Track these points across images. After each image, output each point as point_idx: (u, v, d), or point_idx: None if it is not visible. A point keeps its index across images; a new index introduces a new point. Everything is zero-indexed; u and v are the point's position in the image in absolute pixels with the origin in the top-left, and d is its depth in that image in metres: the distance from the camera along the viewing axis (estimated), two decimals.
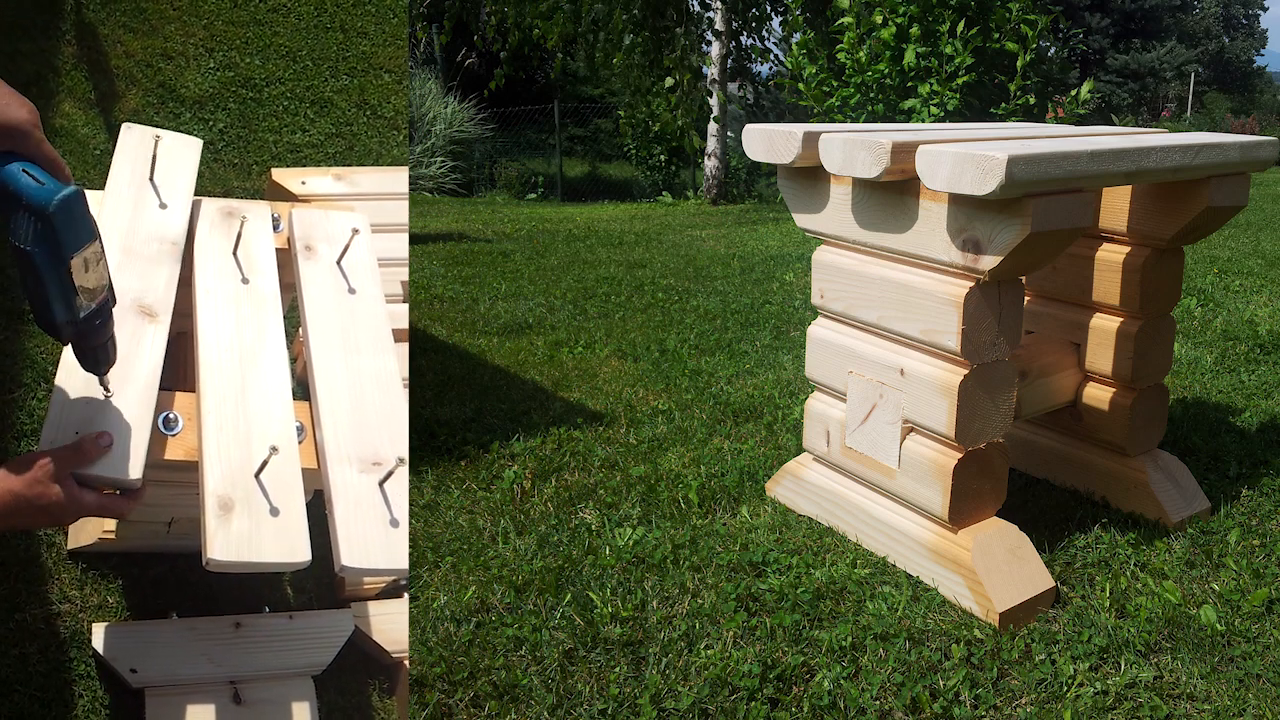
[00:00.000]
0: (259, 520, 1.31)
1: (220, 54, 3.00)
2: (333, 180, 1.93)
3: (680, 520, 2.10)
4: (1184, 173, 1.83)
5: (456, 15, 10.71)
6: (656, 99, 9.82)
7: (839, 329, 2.02)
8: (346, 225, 1.77)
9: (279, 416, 1.44)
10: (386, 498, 1.38)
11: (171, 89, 2.88)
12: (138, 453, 1.31)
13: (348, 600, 2.05)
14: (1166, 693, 1.58)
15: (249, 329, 1.54)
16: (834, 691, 1.56)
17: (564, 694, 1.55)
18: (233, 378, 1.46)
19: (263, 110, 2.95)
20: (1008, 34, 7.04)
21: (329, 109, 3.03)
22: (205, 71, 2.94)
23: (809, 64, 7.46)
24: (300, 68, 3.06)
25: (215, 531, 1.28)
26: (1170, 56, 25.19)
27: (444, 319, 3.78)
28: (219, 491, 1.32)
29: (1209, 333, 3.54)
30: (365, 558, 1.31)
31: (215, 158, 2.82)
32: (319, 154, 2.95)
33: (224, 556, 1.26)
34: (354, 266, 1.72)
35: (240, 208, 1.74)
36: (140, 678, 1.76)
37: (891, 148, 1.68)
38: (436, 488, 2.27)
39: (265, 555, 1.28)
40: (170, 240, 1.60)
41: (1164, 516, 2.06)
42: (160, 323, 1.48)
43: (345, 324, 1.61)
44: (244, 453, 1.37)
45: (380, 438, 1.45)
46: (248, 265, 1.65)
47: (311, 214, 1.78)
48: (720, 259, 5.32)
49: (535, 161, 13.81)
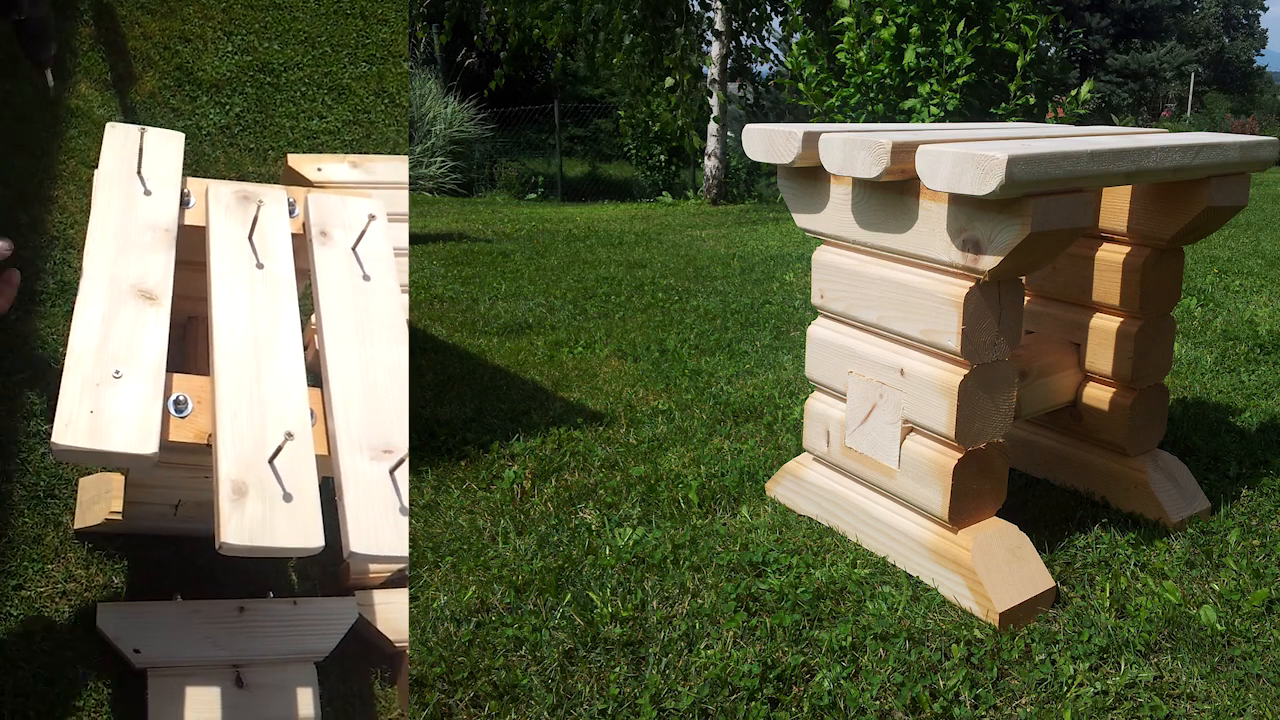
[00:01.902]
0: (273, 505, 1.31)
1: (239, 38, 2.98)
2: (349, 167, 1.93)
3: (680, 520, 2.10)
4: (1184, 173, 1.83)
5: (456, 15, 10.71)
6: (656, 99, 9.82)
7: (839, 329, 2.02)
8: (363, 211, 1.77)
9: (293, 402, 1.45)
10: (397, 485, 1.39)
11: (189, 72, 2.87)
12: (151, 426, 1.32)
13: (352, 588, 2.06)
14: (1166, 693, 1.58)
15: (264, 314, 1.55)
16: (834, 691, 1.56)
17: (564, 694, 1.55)
18: (247, 363, 1.47)
19: (280, 95, 2.93)
20: (1008, 34, 7.04)
21: (347, 96, 3.02)
22: (223, 55, 2.93)
23: (809, 64, 7.47)
24: (319, 53, 3.04)
25: (229, 516, 1.28)
26: (1170, 56, 25.19)
27: (444, 319, 3.78)
28: (233, 476, 1.32)
29: (1209, 333, 3.54)
30: (375, 544, 1.31)
31: (231, 142, 2.81)
32: (336, 141, 2.94)
33: (237, 540, 1.27)
34: (369, 253, 1.72)
35: (256, 192, 1.75)
36: (143, 658, 1.77)
37: (891, 148, 1.68)
38: (436, 488, 2.27)
39: (278, 540, 1.29)
40: (163, 227, 1.61)
41: (1164, 516, 2.06)
42: (161, 305, 1.49)
43: (360, 311, 1.62)
44: (258, 437, 1.38)
45: (391, 426, 1.46)
46: (263, 250, 1.65)
47: (328, 199, 1.78)
48: (720, 259, 5.31)
49: (535, 161, 13.81)
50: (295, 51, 3.02)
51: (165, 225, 1.62)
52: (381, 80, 3.08)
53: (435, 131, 11.10)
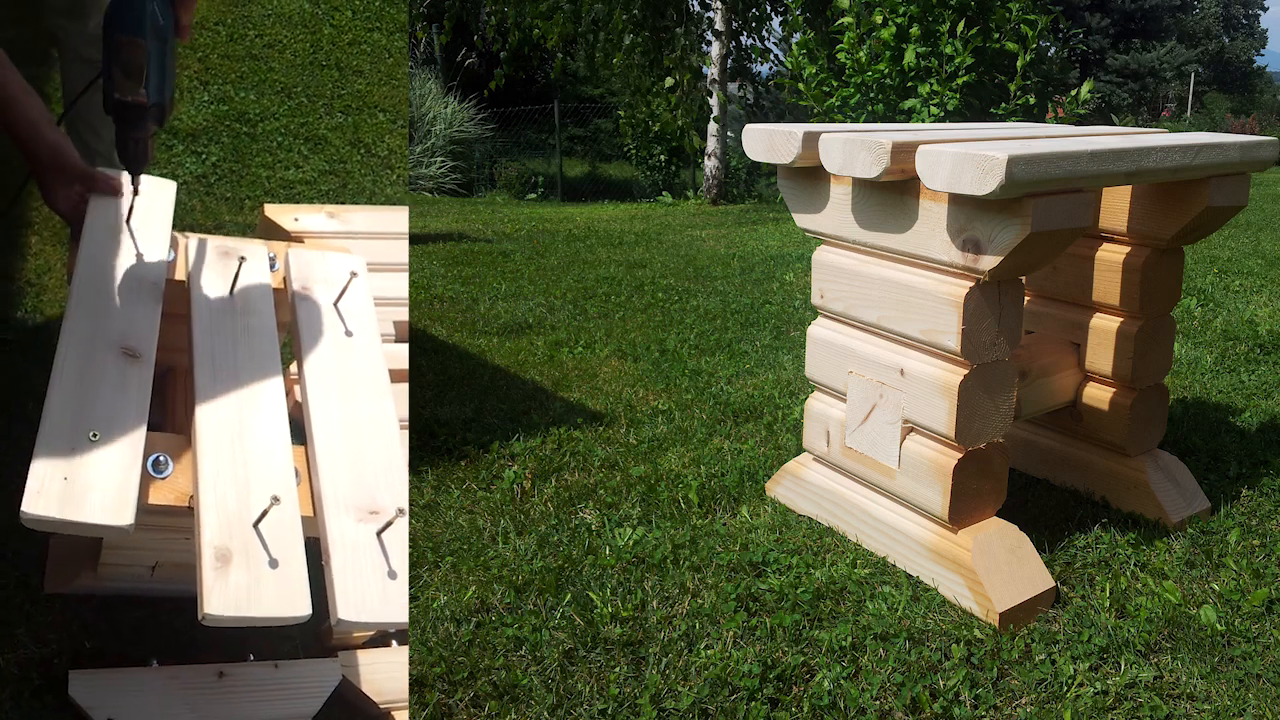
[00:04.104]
0: (258, 572, 1.27)
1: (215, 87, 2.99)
2: (326, 218, 1.91)
3: (680, 520, 2.10)
4: (1184, 173, 1.83)
5: (456, 15, 10.71)
6: (656, 99, 9.83)
7: (839, 329, 2.02)
8: (344, 267, 1.76)
9: (278, 462, 1.40)
10: (384, 548, 1.35)
11: None
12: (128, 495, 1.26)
13: (335, 649, 2.00)
14: (1166, 693, 1.58)
15: (246, 371, 1.51)
16: (834, 691, 1.56)
17: (564, 694, 1.55)
18: (230, 422, 1.42)
19: (256, 145, 2.92)
20: (1008, 34, 7.05)
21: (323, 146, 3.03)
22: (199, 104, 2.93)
23: (809, 64, 7.47)
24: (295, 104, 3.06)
25: (212, 585, 1.23)
26: (1170, 56, 25.19)
27: (444, 319, 3.78)
28: (216, 542, 1.27)
29: (1209, 333, 3.54)
30: (361, 611, 1.27)
31: (208, 191, 2.80)
32: (312, 190, 2.93)
33: (221, 611, 1.22)
34: (351, 309, 1.70)
35: (237, 247, 1.72)
36: None
37: (891, 148, 1.68)
38: (436, 488, 2.27)
39: (264, 610, 1.24)
40: (150, 281, 1.58)
41: (1164, 516, 2.06)
42: (144, 363, 1.44)
43: (343, 368, 1.59)
44: (242, 500, 1.33)
45: (378, 486, 1.43)
46: (244, 306, 1.62)
47: (308, 254, 1.76)
48: (720, 259, 5.32)
49: (535, 161, 13.81)
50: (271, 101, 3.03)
51: (153, 280, 1.59)
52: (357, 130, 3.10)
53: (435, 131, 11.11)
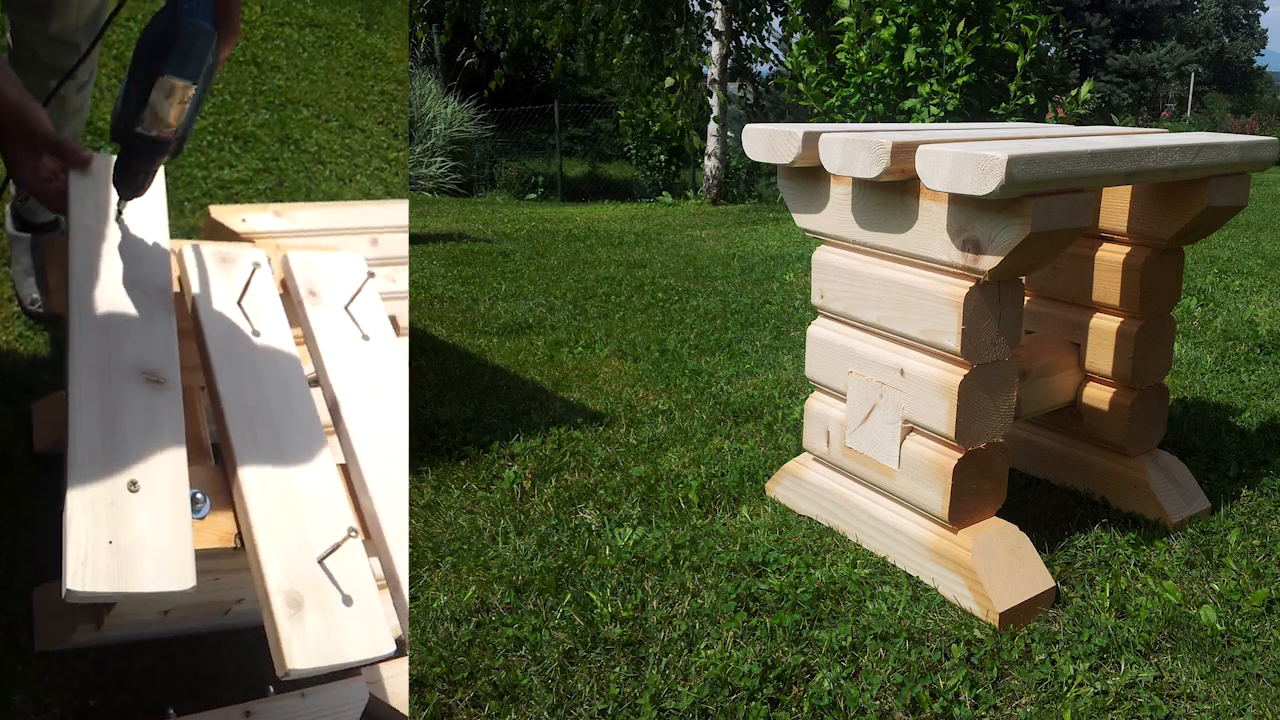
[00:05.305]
0: (335, 613, 1.16)
1: None
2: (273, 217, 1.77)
3: (680, 520, 2.10)
4: (1184, 173, 1.83)
5: (456, 15, 10.71)
6: (656, 99, 9.83)
7: (839, 329, 2.02)
8: (349, 268, 1.64)
9: (328, 487, 1.27)
10: None
11: (88, 122, 2.73)
12: (184, 553, 1.12)
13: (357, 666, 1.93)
14: (1166, 693, 1.58)
15: (272, 389, 1.36)
16: (834, 691, 1.56)
17: (564, 694, 1.55)
18: (269, 449, 1.28)
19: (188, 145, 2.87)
20: (1008, 34, 7.04)
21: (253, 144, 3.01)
22: None
23: (809, 64, 7.47)
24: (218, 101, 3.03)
25: (290, 635, 1.11)
26: (1170, 56, 25.19)
27: (444, 319, 3.78)
28: (284, 587, 1.15)
29: (1209, 333, 3.54)
30: None
31: None
32: (250, 190, 2.88)
33: (305, 664, 1.10)
34: (363, 311, 1.58)
35: (234, 253, 1.58)
36: None
37: (891, 148, 1.68)
38: (436, 488, 2.27)
39: (350, 654, 1.13)
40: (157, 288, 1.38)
41: (1164, 516, 2.06)
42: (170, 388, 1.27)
43: (371, 374, 1.47)
44: (299, 535, 1.21)
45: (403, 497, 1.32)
46: (255, 316, 1.47)
47: (306, 256, 1.64)
48: (720, 259, 5.32)
49: (535, 161, 13.82)
50: None
51: (160, 285, 1.40)
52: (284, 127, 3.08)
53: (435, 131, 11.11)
